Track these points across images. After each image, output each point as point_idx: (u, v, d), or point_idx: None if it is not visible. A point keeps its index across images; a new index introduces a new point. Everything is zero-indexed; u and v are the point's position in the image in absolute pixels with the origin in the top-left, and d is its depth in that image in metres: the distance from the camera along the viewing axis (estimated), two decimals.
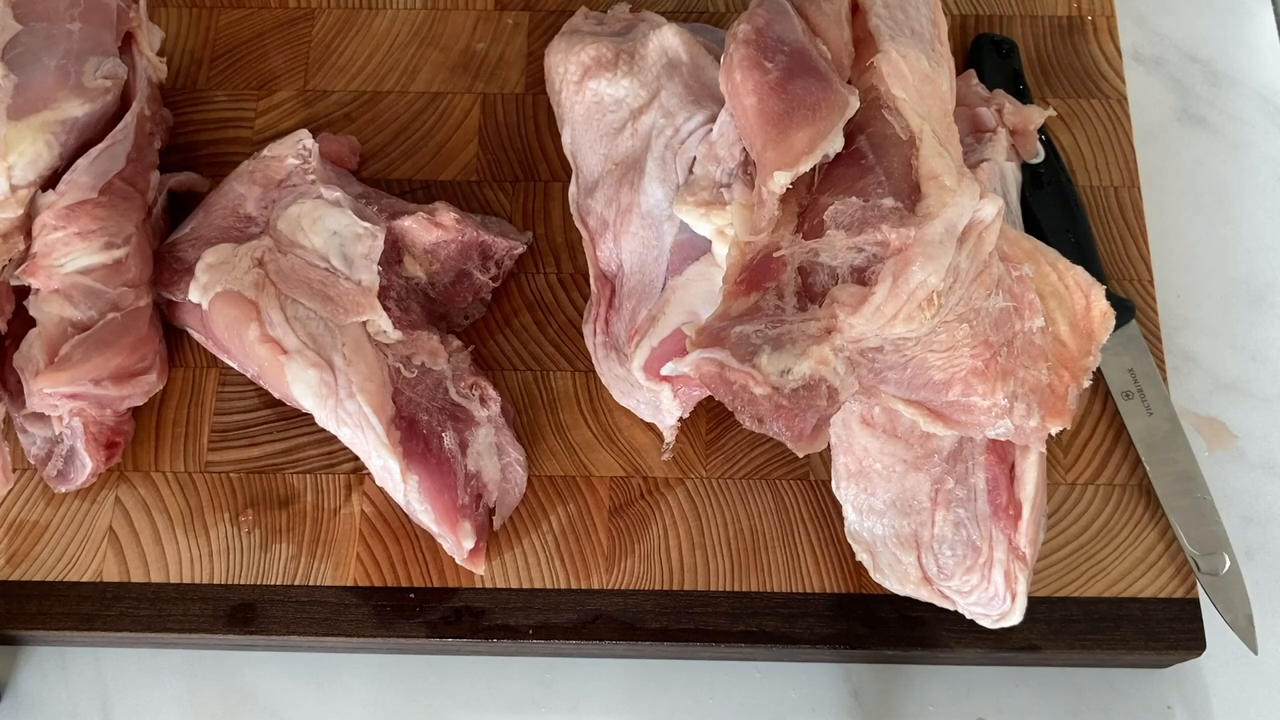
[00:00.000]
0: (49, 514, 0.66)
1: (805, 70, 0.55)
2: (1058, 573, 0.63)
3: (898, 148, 0.53)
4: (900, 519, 0.59)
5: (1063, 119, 0.74)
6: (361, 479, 0.66)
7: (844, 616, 0.63)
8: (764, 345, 0.49)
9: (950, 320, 0.51)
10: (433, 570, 0.64)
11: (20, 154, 0.63)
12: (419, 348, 0.64)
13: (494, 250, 0.68)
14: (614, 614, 0.63)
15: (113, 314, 0.64)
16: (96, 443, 0.64)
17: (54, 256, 0.63)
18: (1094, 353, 0.57)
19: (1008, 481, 0.58)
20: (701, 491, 0.65)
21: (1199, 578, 0.62)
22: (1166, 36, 0.80)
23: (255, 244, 0.64)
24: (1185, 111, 0.78)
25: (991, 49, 0.75)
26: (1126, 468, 0.65)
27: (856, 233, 0.51)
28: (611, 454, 0.66)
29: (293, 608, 0.63)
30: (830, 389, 0.49)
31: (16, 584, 0.64)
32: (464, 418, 0.64)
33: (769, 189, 0.53)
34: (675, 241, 0.63)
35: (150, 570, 0.64)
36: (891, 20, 0.59)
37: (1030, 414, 0.53)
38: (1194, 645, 0.62)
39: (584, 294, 0.69)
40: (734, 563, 0.64)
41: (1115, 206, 0.72)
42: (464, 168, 0.73)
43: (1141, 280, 0.70)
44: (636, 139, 0.65)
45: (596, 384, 0.67)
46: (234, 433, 0.67)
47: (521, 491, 0.65)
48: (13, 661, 0.66)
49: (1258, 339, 0.72)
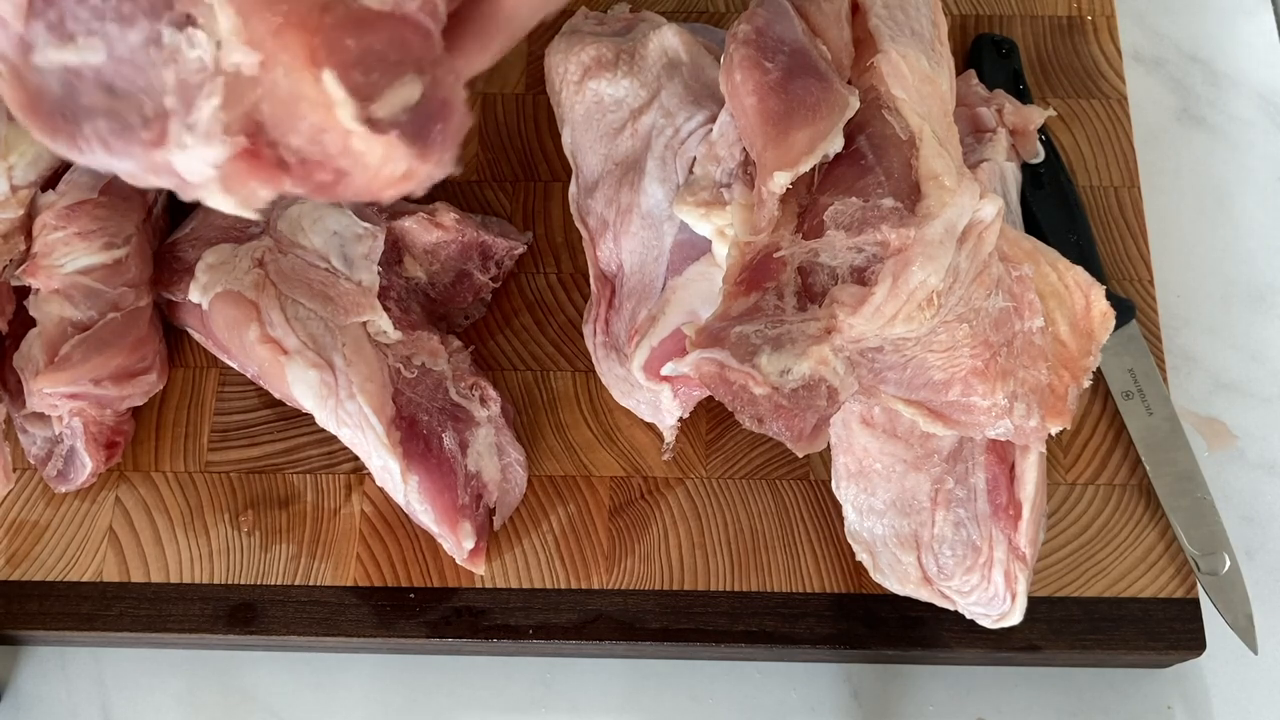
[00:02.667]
0: (49, 514, 0.66)
1: (805, 70, 0.55)
2: (1058, 573, 0.63)
3: (898, 148, 0.53)
4: (900, 519, 0.59)
5: (1063, 119, 0.74)
6: (361, 479, 0.66)
7: (844, 616, 0.63)
8: (764, 345, 0.49)
9: (950, 320, 0.51)
10: (433, 570, 0.64)
11: (21, 154, 0.63)
12: (419, 348, 0.64)
13: (494, 250, 0.68)
14: (614, 614, 0.63)
15: (113, 314, 0.64)
16: (96, 443, 0.65)
17: (54, 256, 0.63)
18: (1094, 353, 0.57)
19: (1008, 481, 0.58)
20: (701, 491, 0.65)
21: (1199, 578, 0.62)
22: (1166, 36, 0.80)
23: (255, 244, 0.64)
24: (1185, 111, 0.78)
25: (991, 49, 0.75)
26: (1126, 468, 0.65)
27: (856, 233, 0.51)
28: (611, 454, 0.66)
29: (293, 608, 0.64)
30: (830, 389, 0.49)
31: (16, 584, 0.64)
32: (464, 418, 0.64)
33: (769, 189, 0.53)
34: (675, 241, 0.63)
35: (150, 570, 0.64)
36: (891, 20, 0.59)
37: (1030, 414, 0.53)
38: (1194, 645, 0.62)
39: (584, 294, 0.69)
40: (734, 563, 0.64)
41: (1115, 206, 0.72)
42: (464, 168, 0.73)
43: (1141, 280, 0.70)
44: (636, 139, 0.65)
45: (596, 384, 0.67)
46: (234, 433, 0.67)
47: (521, 491, 0.65)
48: (13, 661, 0.66)
49: (1258, 339, 0.72)
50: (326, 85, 0.39)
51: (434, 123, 0.41)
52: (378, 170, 0.41)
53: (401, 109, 0.40)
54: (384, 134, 0.40)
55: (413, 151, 0.41)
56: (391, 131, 0.40)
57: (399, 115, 0.40)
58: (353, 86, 0.39)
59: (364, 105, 0.39)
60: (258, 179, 0.41)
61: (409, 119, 0.41)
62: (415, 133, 0.41)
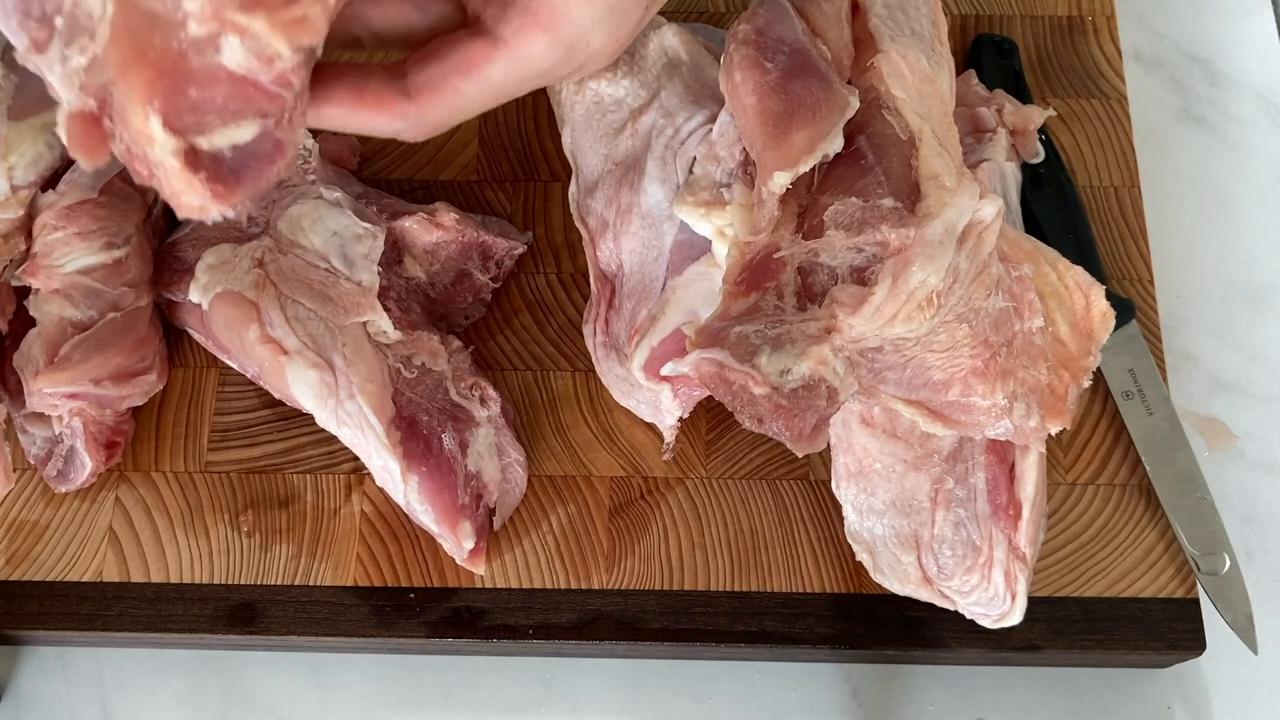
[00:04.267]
0: (49, 514, 0.66)
1: (805, 70, 0.55)
2: (1058, 573, 0.63)
3: (897, 148, 0.53)
4: (900, 519, 0.59)
5: (1063, 119, 0.74)
6: (361, 479, 0.66)
7: (844, 616, 0.63)
8: (763, 345, 0.49)
9: (950, 320, 0.51)
10: (433, 570, 0.64)
11: (21, 154, 0.63)
12: (419, 348, 0.64)
13: (494, 250, 0.68)
14: (614, 614, 0.63)
15: (113, 314, 0.64)
16: (96, 443, 0.65)
17: (54, 256, 0.63)
18: (1094, 353, 0.57)
19: (1008, 481, 0.58)
20: (701, 491, 0.65)
21: (1199, 578, 0.62)
22: (1166, 36, 0.80)
23: (255, 244, 0.64)
24: (1185, 111, 0.78)
25: (991, 49, 0.75)
26: (1126, 468, 0.65)
27: (856, 233, 0.51)
28: (611, 454, 0.66)
29: (293, 608, 0.64)
30: (830, 389, 0.49)
31: (16, 584, 0.64)
32: (464, 418, 0.64)
33: (769, 189, 0.53)
34: (675, 241, 0.63)
35: (150, 570, 0.64)
36: (891, 20, 0.59)
37: (1030, 414, 0.53)
38: (1194, 645, 0.62)
39: (584, 294, 0.69)
40: (734, 563, 0.64)
41: (1115, 206, 0.72)
42: (464, 168, 0.73)
43: (1141, 280, 0.70)
44: (636, 139, 0.65)
45: (596, 384, 0.67)
46: (234, 433, 0.67)
47: (521, 492, 0.65)
48: (13, 661, 0.66)
49: (1258, 339, 0.72)
50: (151, 124, 0.39)
51: (258, 162, 0.41)
52: (175, 194, 0.41)
53: (228, 145, 0.40)
54: (194, 171, 0.40)
55: (214, 191, 0.40)
56: (202, 172, 0.40)
57: (223, 150, 0.40)
58: (180, 125, 0.39)
59: (187, 138, 0.39)
60: (87, 143, 0.41)
61: (233, 154, 0.40)
62: (232, 171, 0.41)
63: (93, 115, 0.41)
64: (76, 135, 0.41)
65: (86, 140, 0.41)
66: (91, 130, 0.41)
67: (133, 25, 0.38)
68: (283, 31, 0.38)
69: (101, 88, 0.40)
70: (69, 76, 0.40)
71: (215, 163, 0.40)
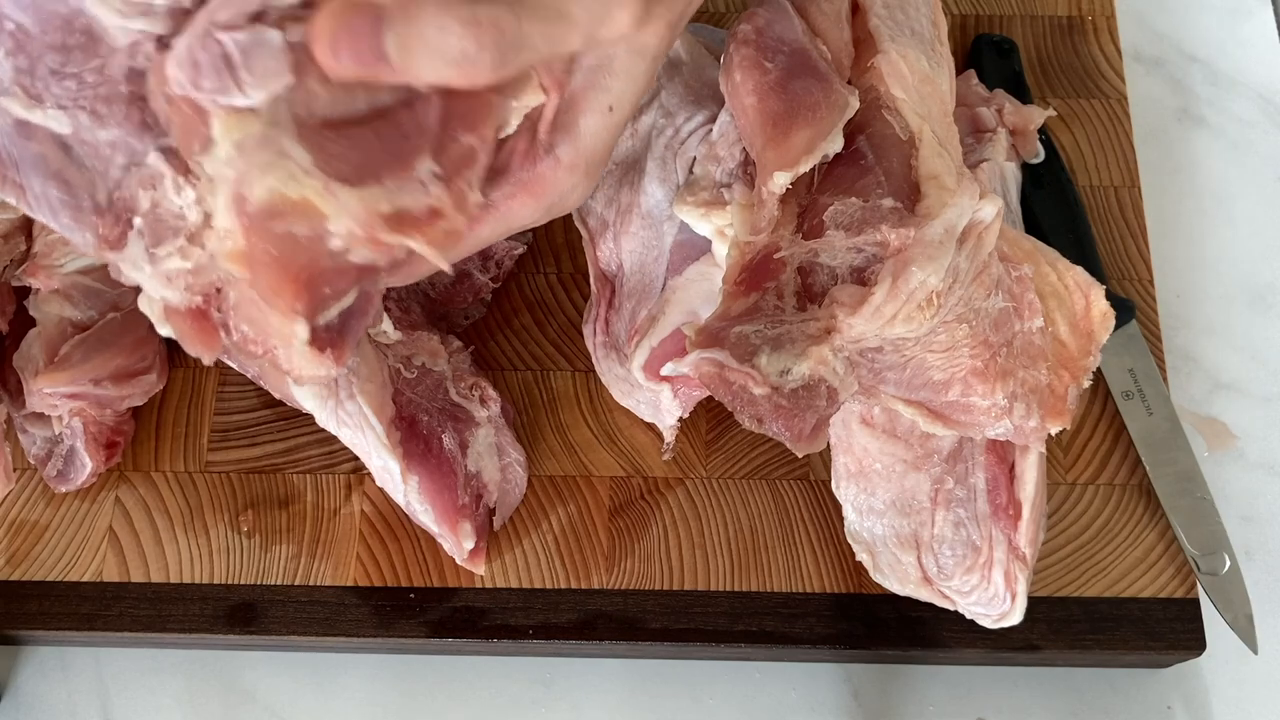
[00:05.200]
0: (49, 514, 0.66)
1: (805, 70, 0.55)
2: (1058, 573, 0.63)
3: (897, 148, 0.53)
4: (900, 519, 0.59)
5: (1063, 119, 0.74)
6: (361, 479, 0.66)
7: (844, 616, 0.63)
8: (763, 345, 0.49)
9: (950, 320, 0.51)
10: (433, 570, 0.64)
11: None
12: (419, 348, 0.64)
13: (494, 250, 0.68)
14: (614, 614, 0.63)
15: (113, 314, 0.64)
16: (96, 443, 0.65)
17: (54, 256, 0.63)
18: (1094, 353, 0.57)
19: (1008, 481, 0.58)
20: (701, 491, 0.65)
21: (1199, 578, 0.62)
22: (1166, 36, 0.80)
23: None
24: (1185, 111, 0.78)
25: (991, 49, 0.75)
26: (1126, 468, 0.65)
27: (856, 233, 0.51)
28: (611, 454, 0.66)
29: (293, 608, 0.64)
30: (830, 389, 0.49)
31: (16, 584, 0.64)
32: (464, 418, 0.64)
33: (769, 189, 0.53)
34: (675, 241, 0.63)
35: (150, 570, 0.64)
36: (891, 20, 0.59)
37: (1030, 414, 0.53)
38: (1194, 645, 0.62)
39: (584, 294, 0.69)
40: (734, 563, 0.64)
41: (1115, 206, 0.72)
42: None
43: (1141, 280, 0.70)
44: (636, 139, 0.65)
45: (596, 384, 0.67)
46: (234, 433, 0.67)
47: (521, 492, 0.65)
48: (13, 661, 0.66)
49: (1258, 339, 0.72)
50: (296, 327, 0.40)
51: (357, 319, 0.43)
52: (295, 370, 0.42)
53: (337, 314, 0.42)
54: (321, 351, 0.41)
55: (336, 359, 0.42)
56: (326, 349, 0.42)
57: (334, 320, 0.42)
58: (310, 315, 0.41)
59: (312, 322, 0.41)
60: (202, 338, 0.42)
61: (338, 320, 0.42)
62: (339, 334, 0.42)
63: (201, 311, 0.42)
64: (190, 333, 0.42)
65: (201, 336, 0.42)
66: (204, 325, 0.42)
67: (274, 250, 0.39)
68: (437, 247, 0.40)
69: (208, 284, 0.41)
70: (165, 277, 0.41)
71: (328, 332, 0.42)
